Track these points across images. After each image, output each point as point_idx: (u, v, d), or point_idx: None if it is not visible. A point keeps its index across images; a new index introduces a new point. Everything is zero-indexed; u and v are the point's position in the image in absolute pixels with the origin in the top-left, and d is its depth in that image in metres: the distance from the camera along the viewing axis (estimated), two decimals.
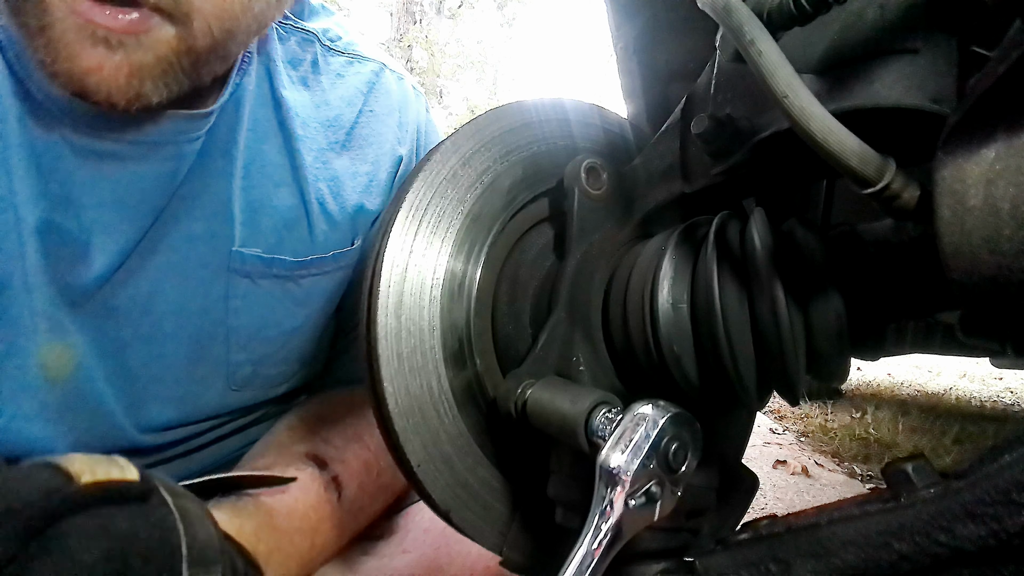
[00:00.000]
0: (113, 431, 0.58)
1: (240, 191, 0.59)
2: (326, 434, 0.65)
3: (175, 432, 0.64)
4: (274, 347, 0.65)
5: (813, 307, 0.34)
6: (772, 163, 0.37)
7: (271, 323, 0.63)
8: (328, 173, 0.65)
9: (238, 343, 0.62)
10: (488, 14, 14.87)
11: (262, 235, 0.61)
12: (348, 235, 0.67)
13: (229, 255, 0.59)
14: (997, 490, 0.25)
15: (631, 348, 0.40)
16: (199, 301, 0.59)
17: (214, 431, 0.68)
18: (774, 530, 0.33)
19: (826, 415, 2.93)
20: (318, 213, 0.64)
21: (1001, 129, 0.25)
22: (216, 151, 0.58)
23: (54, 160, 0.51)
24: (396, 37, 13.22)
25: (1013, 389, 4.06)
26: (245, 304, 0.61)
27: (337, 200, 0.65)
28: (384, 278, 0.40)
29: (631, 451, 0.31)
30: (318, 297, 0.66)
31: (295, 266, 0.63)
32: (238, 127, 0.59)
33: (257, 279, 0.61)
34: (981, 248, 0.25)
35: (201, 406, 0.64)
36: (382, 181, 0.69)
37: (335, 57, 0.69)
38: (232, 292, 0.60)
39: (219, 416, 0.66)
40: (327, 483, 0.60)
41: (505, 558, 0.43)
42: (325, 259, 0.65)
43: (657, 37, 0.81)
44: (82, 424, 0.56)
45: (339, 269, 0.67)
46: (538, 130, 0.47)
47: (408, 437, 0.39)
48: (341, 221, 0.66)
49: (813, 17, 0.31)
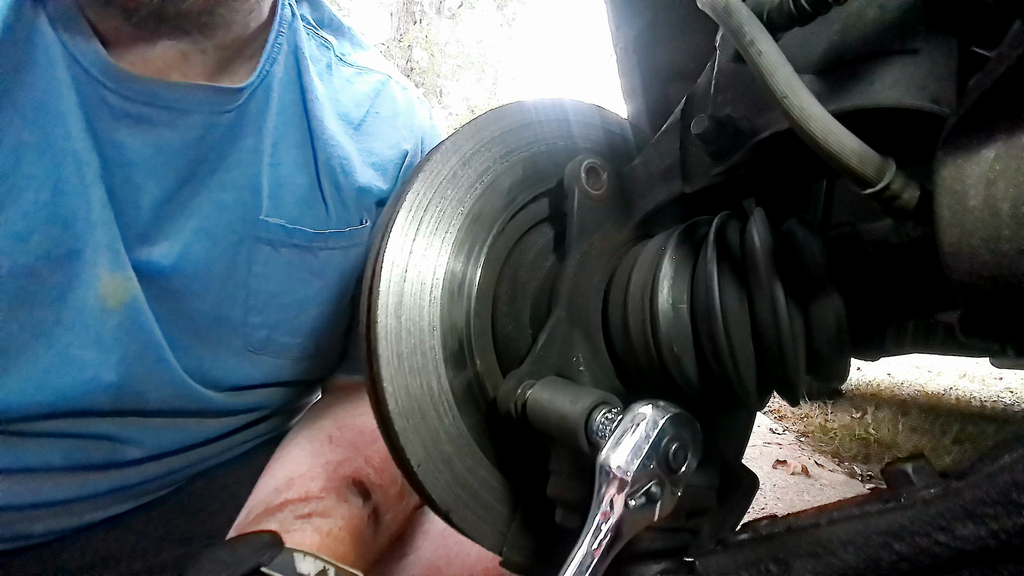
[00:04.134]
0: (159, 366, 0.62)
1: (267, 167, 0.65)
2: (368, 451, 0.68)
3: (216, 393, 0.68)
4: (289, 314, 0.69)
5: (813, 307, 0.34)
6: (772, 163, 0.37)
7: (288, 290, 0.68)
8: (341, 152, 0.70)
9: (256, 306, 0.67)
10: (488, 14, 14.87)
11: (284, 208, 0.66)
12: (358, 214, 0.72)
13: (256, 223, 0.65)
14: (997, 490, 0.25)
15: (631, 348, 0.40)
16: (224, 264, 0.64)
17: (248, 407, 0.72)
18: (774, 530, 0.33)
19: (826, 415, 2.93)
20: (332, 192, 0.69)
21: (1001, 129, 0.25)
22: (248, 130, 0.64)
23: (99, 120, 0.56)
24: (396, 37, 13.21)
25: (1013, 389, 4.06)
26: (266, 270, 0.66)
27: (348, 180, 0.70)
28: (384, 278, 0.40)
29: (631, 451, 0.31)
30: (332, 270, 0.71)
31: (314, 237, 0.68)
32: (267, 110, 0.65)
33: (279, 247, 0.66)
34: (981, 248, 0.25)
35: (224, 368, 0.67)
36: (389, 169, 0.74)
37: (345, 68, 0.75)
38: (255, 258, 0.65)
39: (244, 388, 0.70)
40: (369, 516, 0.63)
41: (505, 558, 0.43)
42: (341, 234, 0.70)
43: (657, 37, 0.81)
44: (132, 355, 0.61)
45: (352, 246, 0.72)
46: (538, 130, 0.47)
47: (408, 437, 0.39)
48: (352, 200, 0.71)
49: (813, 17, 0.31)
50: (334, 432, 0.70)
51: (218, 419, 0.71)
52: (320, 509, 0.60)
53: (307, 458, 0.67)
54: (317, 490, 0.62)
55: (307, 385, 0.80)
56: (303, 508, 0.59)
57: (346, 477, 0.65)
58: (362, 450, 0.68)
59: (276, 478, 0.65)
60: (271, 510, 0.60)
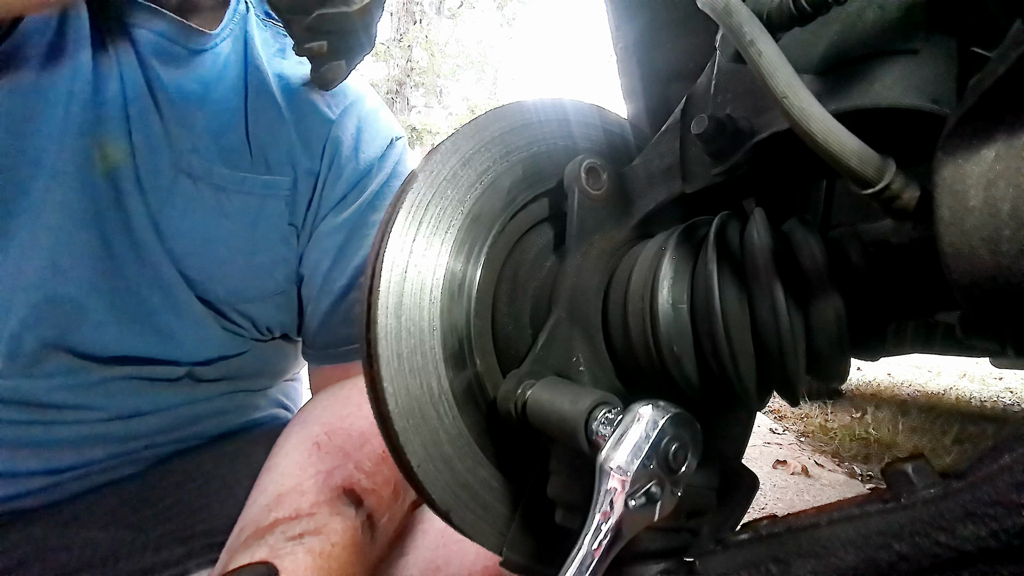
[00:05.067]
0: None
1: (202, 116, 0.75)
2: (357, 456, 0.69)
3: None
4: (195, 248, 0.75)
5: (813, 307, 0.34)
6: (772, 163, 0.37)
7: (198, 224, 0.75)
8: (274, 116, 0.79)
9: (166, 233, 0.73)
10: (488, 14, 14.87)
11: (210, 152, 0.75)
12: (280, 170, 0.80)
13: (181, 155, 0.74)
14: (997, 490, 0.25)
15: (631, 348, 0.40)
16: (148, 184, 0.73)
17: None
18: (774, 530, 0.33)
19: (826, 415, 2.93)
20: (260, 148, 0.78)
21: (1001, 129, 0.25)
22: (193, 85, 0.75)
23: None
24: (396, 37, 13.21)
25: (1013, 389, 4.05)
26: (181, 201, 0.74)
27: (277, 140, 0.79)
28: (384, 278, 0.40)
29: (631, 451, 0.31)
30: (244, 216, 0.78)
31: (229, 178, 0.76)
32: (213, 75, 0.76)
33: (197, 182, 0.74)
34: (981, 249, 0.25)
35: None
36: (313, 142, 0.82)
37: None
38: (175, 188, 0.73)
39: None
40: (363, 524, 0.64)
41: (505, 559, 0.43)
42: (256, 180, 0.78)
43: (657, 37, 0.81)
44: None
45: (267, 195, 0.79)
46: (538, 130, 0.47)
47: (408, 437, 0.39)
48: (278, 158, 0.80)
49: (813, 18, 0.31)
50: (322, 438, 0.70)
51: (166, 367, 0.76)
52: (311, 527, 0.60)
53: (296, 470, 0.67)
54: (308, 506, 0.62)
55: (247, 344, 0.84)
56: (294, 528, 0.59)
57: (337, 487, 0.64)
58: (352, 455, 0.68)
59: (266, 494, 0.65)
60: (261, 531, 0.59)
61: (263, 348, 0.86)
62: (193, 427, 0.82)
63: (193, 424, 0.82)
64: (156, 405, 0.77)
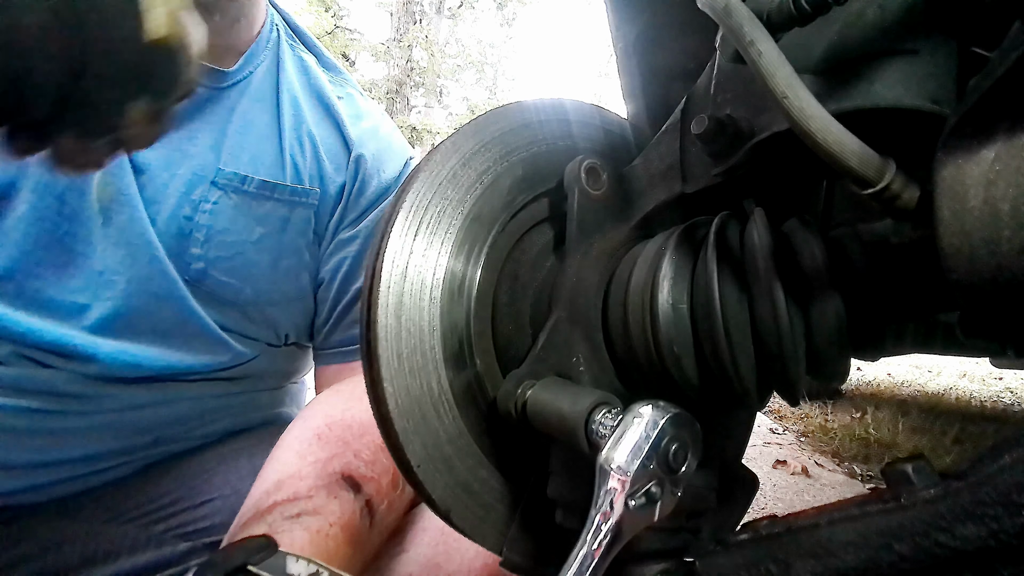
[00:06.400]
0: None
1: (234, 133, 0.80)
2: (357, 445, 0.70)
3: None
4: (228, 252, 0.78)
5: (813, 307, 0.34)
6: (772, 164, 0.36)
7: (230, 229, 0.78)
8: (307, 130, 0.85)
9: (198, 239, 0.76)
10: (488, 14, 14.87)
11: (242, 163, 0.79)
12: (311, 181, 0.84)
13: (212, 171, 0.77)
14: (997, 491, 0.25)
15: (631, 348, 0.40)
16: (178, 196, 0.76)
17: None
18: (774, 530, 0.33)
19: (826, 415, 2.93)
20: (293, 158, 0.83)
21: (1001, 129, 0.25)
22: (220, 105, 0.80)
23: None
24: (396, 37, 13.21)
25: (1013, 389, 4.06)
26: (214, 208, 0.77)
27: (310, 151, 0.84)
28: (384, 278, 0.40)
29: (631, 451, 0.31)
30: (274, 220, 0.81)
31: (262, 185, 0.80)
32: (244, 94, 0.81)
33: (230, 193, 0.78)
34: (981, 249, 0.25)
35: (159, 290, 0.75)
36: (339, 157, 0.87)
37: (325, 73, 0.93)
38: (206, 197, 0.76)
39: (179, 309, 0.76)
40: (361, 510, 0.65)
41: (505, 558, 0.43)
42: (285, 187, 0.82)
43: (657, 37, 0.81)
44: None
45: (297, 204, 0.83)
46: (538, 130, 0.47)
47: (408, 437, 0.39)
48: (309, 168, 0.84)
49: (813, 18, 0.31)
50: (323, 430, 0.71)
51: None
52: (309, 508, 0.60)
53: (295, 459, 0.68)
54: (306, 489, 0.63)
55: (264, 348, 0.86)
56: (292, 508, 0.60)
57: (335, 473, 0.65)
58: (351, 444, 0.69)
59: (266, 482, 0.66)
60: (260, 513, 0.60)
61: (274, 353, 0.88)
62: (200, 420, 0.83)
63: (200, 418, 0.83)
64: (166, 396, 0.78)
